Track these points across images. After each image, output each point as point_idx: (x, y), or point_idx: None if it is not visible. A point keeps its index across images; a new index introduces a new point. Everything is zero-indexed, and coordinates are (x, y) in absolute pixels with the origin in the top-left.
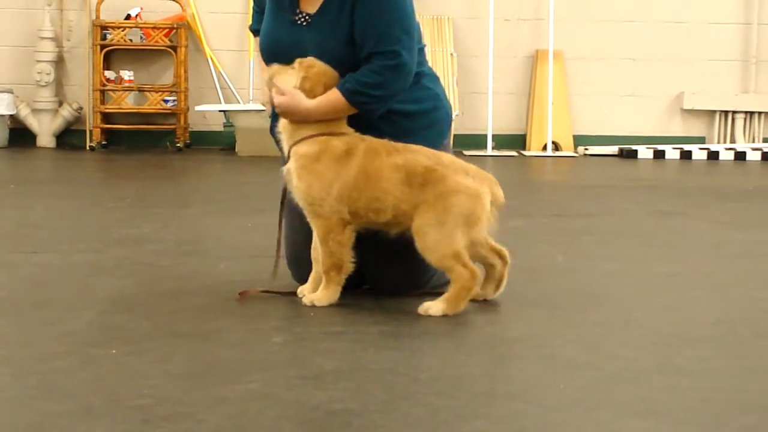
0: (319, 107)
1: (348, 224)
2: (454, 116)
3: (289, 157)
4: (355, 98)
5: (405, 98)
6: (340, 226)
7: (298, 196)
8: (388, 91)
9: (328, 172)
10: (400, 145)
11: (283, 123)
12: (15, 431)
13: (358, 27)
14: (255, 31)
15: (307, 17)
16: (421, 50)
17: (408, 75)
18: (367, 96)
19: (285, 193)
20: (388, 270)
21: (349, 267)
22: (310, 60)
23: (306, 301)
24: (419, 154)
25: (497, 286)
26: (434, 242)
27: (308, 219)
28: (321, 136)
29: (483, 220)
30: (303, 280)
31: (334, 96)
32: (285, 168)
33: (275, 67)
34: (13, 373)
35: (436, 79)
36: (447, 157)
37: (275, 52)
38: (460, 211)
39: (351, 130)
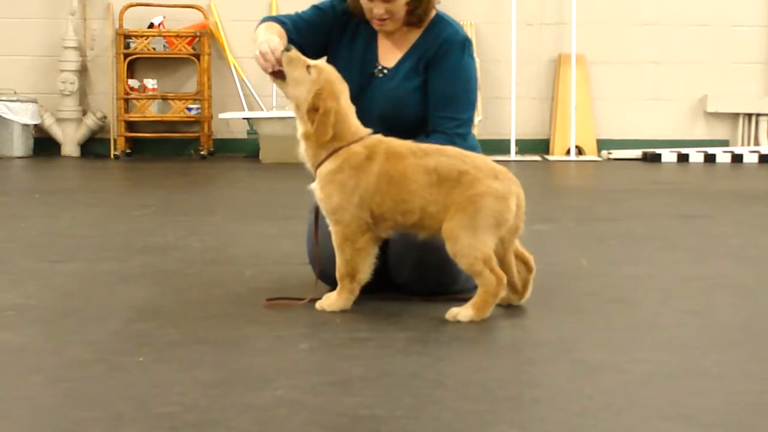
0: None
1: (368, 231)
2: (476, 121)
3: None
4: None
5: None
6: (358, 233)
7: (322, 206)
8: None
9: (350, 181)
10: (429, 147)
11: (303, 147)
12: None
13: (430, 84)
14: (279, 22)
15: (385, 70)
16: None
17: (467, 141)
18: None
19: (317, 209)
20: (423, 272)
21: (363, 277)
22: (322, 64)
23: (317, 306)
24: (452, 158)
25: (522, 293)
26: (467, 246)
27: (329, 226)
28: (341, 148)
29: (509, 221)
30: (334, 285)
31: None
32: (311, 187)
33: (295, 54)
34: (42, 381)
35: None
36: (479, 159)
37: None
38: (490, 214)
39: (367, 131)
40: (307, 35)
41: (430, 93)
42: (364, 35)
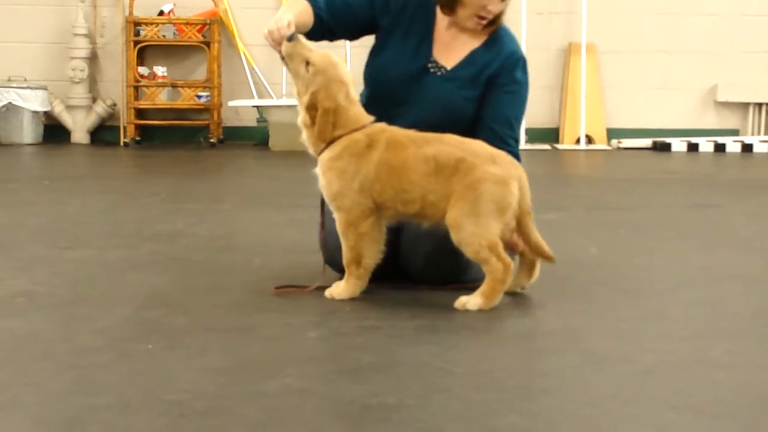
0: None
1: (371, 216)
2: None
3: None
4: None
5: None
6: (361, 218)
7: (324, 193)
8: None
9: (349, 167)
10: (430, 135)
11: (306, 134)
12: (54, 426)
13: (490, 99)
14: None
15: (443, 69)
16: None
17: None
18: None
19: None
20: (435, 262)
21: (369, 262)
22: (321, 62)
23: (326, 294)
24: (451, 146)
25: (530, 275)
26: (471, 234)
27: (333, 213)
28: (343, 135)
29: (513, 205)
30: (343, 272)
31: None
32: (314, 171)
33: (294, 49)
34: (51, 368)
35: None
36: (477, 145)
37: (395, 85)
38: (491, 199)
39: (370, 119)
40: (342, 17)
41: (488, 106)
42: (420, 27)
